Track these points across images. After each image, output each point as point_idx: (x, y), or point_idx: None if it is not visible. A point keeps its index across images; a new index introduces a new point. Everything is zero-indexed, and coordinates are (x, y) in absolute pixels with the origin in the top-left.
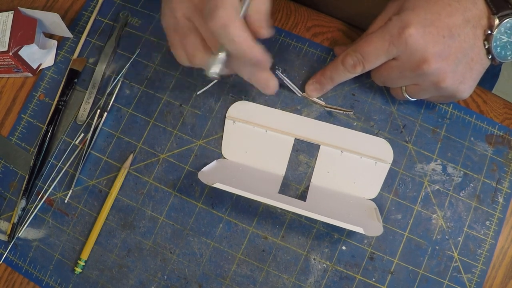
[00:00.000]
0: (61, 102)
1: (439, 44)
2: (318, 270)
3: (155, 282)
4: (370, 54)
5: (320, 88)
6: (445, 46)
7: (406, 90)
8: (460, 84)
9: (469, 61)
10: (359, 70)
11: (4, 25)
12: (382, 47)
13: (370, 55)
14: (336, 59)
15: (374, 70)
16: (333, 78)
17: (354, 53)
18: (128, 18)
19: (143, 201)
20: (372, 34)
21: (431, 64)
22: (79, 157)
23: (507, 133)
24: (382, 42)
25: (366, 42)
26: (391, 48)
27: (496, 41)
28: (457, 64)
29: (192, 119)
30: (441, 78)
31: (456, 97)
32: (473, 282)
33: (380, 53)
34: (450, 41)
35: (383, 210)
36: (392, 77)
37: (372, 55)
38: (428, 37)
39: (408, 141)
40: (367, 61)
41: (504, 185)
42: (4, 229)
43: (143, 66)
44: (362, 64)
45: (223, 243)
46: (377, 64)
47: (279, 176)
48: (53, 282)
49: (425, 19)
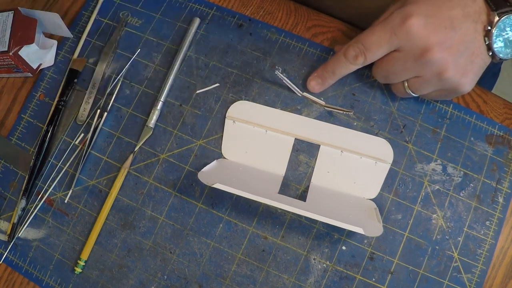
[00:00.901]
0: (61, 102)
1: (441, 33)
2: (318, 270)
3: (155, 282)
4: (372, 44)
5: (322, 82)
6: (447, 37)
7: (408, 85)
8: (462, 77)
9: (470, 55)
10: (361, 60)
11: (4, 25)
12: (384, 36)
13: (372, 45)
14: (338, 52)
15: (375, 65)
16: (335, 72)
17: (356, 44)
18: (128, 18)
19: (143, 201)
20: (374, 25)
21: (434, 53)
22: (79, 157)
23: (507, 133)
24: (384, 32)
25: (368, 33)
26: (393, 38)
27: (496, 37)
28: (459, 56)
29: (192, 119)
30: (444, 68)
31: (458, 90)
32: (473, 282)
33: (383, 43)
34: (452, 32)
35: (383, 210)
36: (394, 70)
37: (374, 45)
38: (430, 26)
39: (408, 141)
40: (369, 51)
41: (504, 185)
42: (4, 229)
43: (143, 66)
44: (364, 54)
45: (223, 243)
46: (379, 55)
47: (279, 176)
48: (53, 282)
49: (426, 10)
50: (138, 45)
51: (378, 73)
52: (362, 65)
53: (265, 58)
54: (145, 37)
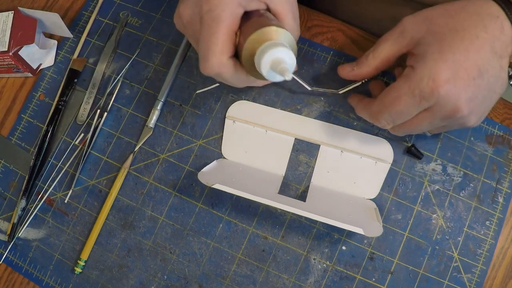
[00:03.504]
0: (61, 102)
1: (471, 88)
2: (318, 270)
3: (155, 282)
4: (402, 113)
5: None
6: (475, 88)
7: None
8: (479, 119)
9: (492, 95)
10: (389, 127)
11: (4, 25)
12: (413, 104)
13: (401, 115)
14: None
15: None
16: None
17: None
18: (128, 18)
19: (143, 201)
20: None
21: (464, 111)
22: (79, 157)
23: (507, 133)
24: (413, 99)
25: (395, 101)
26: (423, 103)
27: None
28: (483, 102)
29: (192, 119)
30: (468, 120)
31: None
32: (473, 282)
33: (412, 110)
34: (479, 80)
35: (383, 210)
36: (421, 128)
37: (404, 114)
38: (459, 83)
39: (408, 141)
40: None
41: (504, 185)
42: (4, 229)
43: (143, 66)
44: (393, 122)
45: (223, 243)
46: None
47: (279, 176)
48: (53, 282)
49: (453, 61)
50: (138, 45)
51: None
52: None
53: None
54: (145, 37)
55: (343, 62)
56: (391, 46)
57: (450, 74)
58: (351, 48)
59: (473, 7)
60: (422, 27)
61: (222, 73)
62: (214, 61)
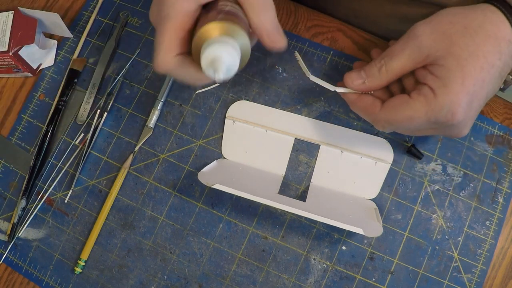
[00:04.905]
0: (61, 102)
1: (474, 111)
2: (318, 270)
3: (155, 282)
4: (410, 129)
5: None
6: (477, 109)
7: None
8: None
9: (484, 103)
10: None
11: (4, 25)
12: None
13: (408, 130)
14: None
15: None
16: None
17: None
18: (128, 18)
19: (143, 201)
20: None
21: (465, 133)
22: (79, 157)
23: (507, 133)
24: (426, 123)
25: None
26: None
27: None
28: (477, 111)
29: (192, 119)
30: (461, 129)
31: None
32: (473, 282)
33: (420, 128)
34: (482, 102)
35: (383, 210)
36: (419, 134)
37: (411, 130)
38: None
39: (408, 141)
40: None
41: (504, 185)
42: (4, 229)
43: (143, 66)
44: (396, 131)
45: (223, 243)
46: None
47: (279, 176)
48: (53, 282)
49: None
50: (138, 45)
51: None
52: None
53: (265, 58)
54: (145, 37)
55: (343, 62)
56: (407, 61)
57: (467, 105)
58: (351, 48)
59: (491, 27)
60: (441, 45)
61: (169, 71)
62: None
